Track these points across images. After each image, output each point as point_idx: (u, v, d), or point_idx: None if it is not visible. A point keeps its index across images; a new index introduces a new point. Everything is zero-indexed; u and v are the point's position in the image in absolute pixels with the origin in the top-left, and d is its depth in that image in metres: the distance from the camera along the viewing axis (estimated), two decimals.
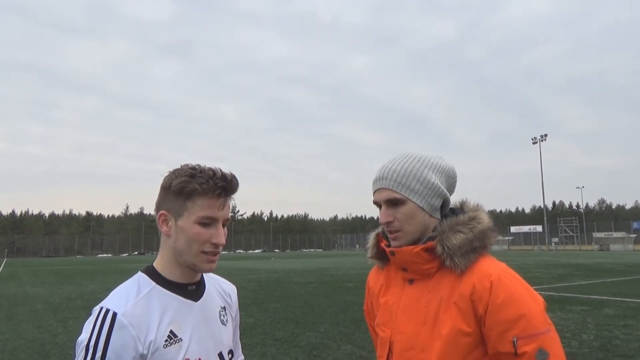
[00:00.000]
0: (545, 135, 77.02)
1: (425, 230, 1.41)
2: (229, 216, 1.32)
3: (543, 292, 12.99)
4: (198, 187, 1.24)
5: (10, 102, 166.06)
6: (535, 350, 1.24)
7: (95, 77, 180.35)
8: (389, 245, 1.47)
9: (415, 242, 1.41)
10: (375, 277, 1.61)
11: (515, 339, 1.25)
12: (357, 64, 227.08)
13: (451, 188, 1.49)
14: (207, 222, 1.26)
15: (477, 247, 1.36)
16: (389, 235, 1.45)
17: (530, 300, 1.30)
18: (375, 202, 1.46)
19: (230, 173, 1.30)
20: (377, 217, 1.48)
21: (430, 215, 1.42)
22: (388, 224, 1.42)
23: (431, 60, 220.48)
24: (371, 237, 1.58)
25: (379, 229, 1.55)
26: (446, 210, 1.46)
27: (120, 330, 1.16)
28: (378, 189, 1.44)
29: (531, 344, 1.24)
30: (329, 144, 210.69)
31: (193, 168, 1.28)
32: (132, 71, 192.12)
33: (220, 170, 1.29)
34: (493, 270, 1.33)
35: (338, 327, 8.69)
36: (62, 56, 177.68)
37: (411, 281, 1.43)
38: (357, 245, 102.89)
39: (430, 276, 1.40)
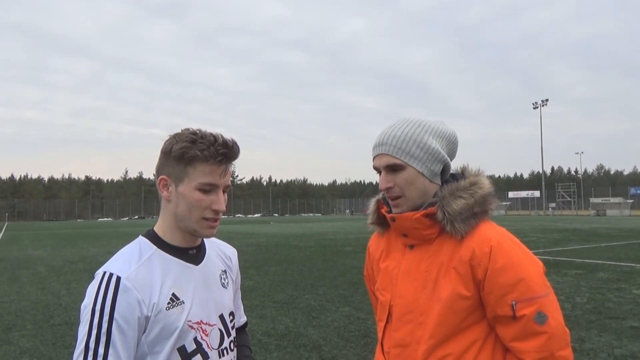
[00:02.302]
0: (546, 100, 76.70)
1: (425, 196, 1.41)
2: (230, 182, 1.32)
3: (539, 256, 13.03)
4: (199, 153, 1.23)
5: (2, 64, 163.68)
6: (533, 313, 1.26)
7: (88, 39, 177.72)
8: (389, 212, 1.47)
9: (416, 208, 1.40)
10: (375, 243, 1.62)
11: (514, 303, 1.27)
12: (354, 26, 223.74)
13: (452, 153, 1.47)
14: (207, 189, 1.26)
15: (477, 213, 1.37)
16: (389, 201, 1.45)
17: (529, 265, 1.31)
18: (375, 168, 1.45)
19: (232, 139, 1.29)
20: (377, 182, 1.48)
21: (431, 181, 1.41)
22: (388, 189, 1.42)
23: (430, 23, 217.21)
24: (372, 204, 1.58)
25: (379, 195, 1.55)
26: (447, 176, 1.45)
27: (125, 293, 1.18)
28: (378, 155, 1.43)
29: (530, 307, 1.26)
30: (326, 108, 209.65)
31: (194, 133, 1.26)
32: (125, 33, 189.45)
33: (222, 136, 1.27)
34: (493, 235, 1.34)
35: (336, 289, 8.84)
36: (52, 17, 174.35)
37: (412, 247, 1.44)
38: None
39: (431, 242, 1.40)
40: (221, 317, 1.38)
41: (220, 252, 1.50)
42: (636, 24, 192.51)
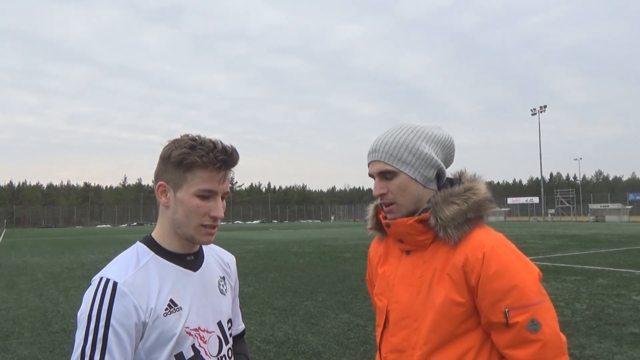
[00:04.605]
0: (545, 106, 76.77)
1: (419, 202, 1.41)
2: (229, 189, 1.31)
3: (538, 263, 13.14)
4: (198, 159, 1.22)
5: None
6: (526, 321, 1.24)
7: (84, 45, 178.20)
8: (385, 217, 1.48)
9: (410, 214, 1.41)
10: (375, 248, 1.63)
11: (507, 310, 1.26)
12: (350, 33, 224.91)
13: (448, 158, 1.47)
14: (206, 195, 1.25)
15: (471, 219, 1.36)
16: (383, 207, 1.45)
17: (523, 271, 1.30)
18: (369, 175, 1.46)
19: (231, 146, 1.28)
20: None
21: (425, 187, 1.41)
22: (382, 196, 1.42)
23: (426, 29, 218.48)
24: (370, 209, 1.58)
25: (378, 201, 1.55)
26: (443, 181, 1.45)
27: (122, 298, 1.17)
28: (371, 162, 1.44)
29: (523, 315, 1.25)
30: (324, 114, 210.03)
31: (193, 139, 1.26)
32: (121, 39, 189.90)
33: (221, 142, 1.27)
34: (487, 241, 1.32)
35: (336, 296, 8.81)
36: (48, 23, 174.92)
37: (408, 252, 1.44)
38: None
39: (426, 247, 1.40)
40: (219, 324, 1.37)
41: (218, 258, 1.49)
42: (632, 29, 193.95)
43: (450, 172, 1.50)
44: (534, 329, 1.24)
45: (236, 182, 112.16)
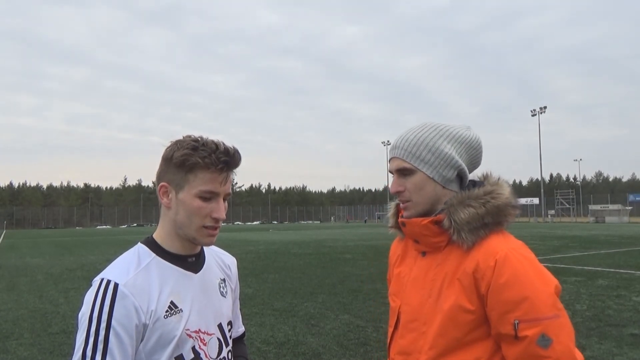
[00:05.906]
0: (545, 107, 76.63)
1: (437, 202, 1.37)
2: (230, 190, 1.31)
3: None
4: (200, 160, 1.22)
5: None
6: (537, 335, 1.18)
7: (82, 46, 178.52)
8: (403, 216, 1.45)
9: (425, 214, 1.37)
10: (394, 248, 1.60)
11: (516, 322, 1.19)
12: (349, 33, 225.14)
13: (473, 160, 1.42)
14: (208, 196, 1.25)
15: (488, 223, 1.30)
16: (400, 205, 1.43)
17: (537, 282, 1.22)
18: (389, 171, 1.44)
19: (233, 147, 1.28)
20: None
21: (444, 187, 1.37)
22: (398, 193, 1.39)
23: (425, 29, 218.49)
24: (391, 207, 1.53)
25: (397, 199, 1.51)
26: (466, 183, 1.41)
27: (122, 300, 1.16)
28: (391, 158, 1.41)
29: (533, 329, 1.18)
30: (324, 115, 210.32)
31: (195, 140, 1.26)
32: (120, 40, 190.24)
33: (223, 143, 1.27)
34: (501, 248, 1.26)
35: (336, 297, 8.81)
36: (47, 24, 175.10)
37: (424, 254, 1.41)
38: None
39: (440, 250, 1.36)
40: (220, 326, 1.37)
41: (219, 260, 1.49)
42: (632, 29, 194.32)
43: (476, 174, 1.45)
44: (544, 345, 1.17)
45: (236, 183, 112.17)
